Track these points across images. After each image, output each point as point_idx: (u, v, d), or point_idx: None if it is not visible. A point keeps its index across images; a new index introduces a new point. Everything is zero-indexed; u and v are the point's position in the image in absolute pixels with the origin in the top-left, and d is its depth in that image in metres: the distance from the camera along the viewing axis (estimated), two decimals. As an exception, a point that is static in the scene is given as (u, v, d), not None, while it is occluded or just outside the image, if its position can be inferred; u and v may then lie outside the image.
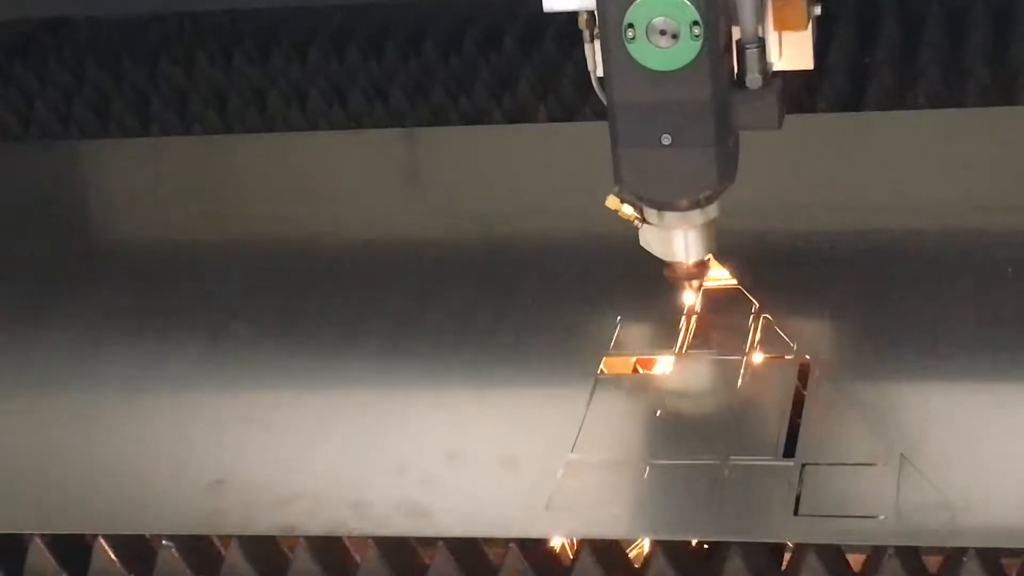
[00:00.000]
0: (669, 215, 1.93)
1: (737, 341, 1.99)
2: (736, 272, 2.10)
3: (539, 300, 2.14)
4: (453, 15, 3.04)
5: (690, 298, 2.04)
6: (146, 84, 2.99)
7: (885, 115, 2.55)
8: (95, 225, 2.60)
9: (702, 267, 2.00)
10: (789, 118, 2.50)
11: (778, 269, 2.13)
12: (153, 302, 2.26)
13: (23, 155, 2.79)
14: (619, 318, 2.06)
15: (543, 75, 2.82)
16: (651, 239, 1.97)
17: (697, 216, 1.93)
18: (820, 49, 2.74)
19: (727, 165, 1.88)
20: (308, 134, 2.75)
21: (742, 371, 1.94)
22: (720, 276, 2.10)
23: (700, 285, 2.04)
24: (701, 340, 2.01)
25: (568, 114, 2.69)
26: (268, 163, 2.65)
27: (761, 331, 2.01)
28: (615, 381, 1.97)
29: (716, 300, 2.08)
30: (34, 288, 2.32)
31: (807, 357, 1.94)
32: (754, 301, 2.06)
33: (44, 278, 2.35)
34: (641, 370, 2.00)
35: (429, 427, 1.92)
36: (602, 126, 1.88)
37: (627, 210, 1.95)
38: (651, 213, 1.94)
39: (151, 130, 2.84)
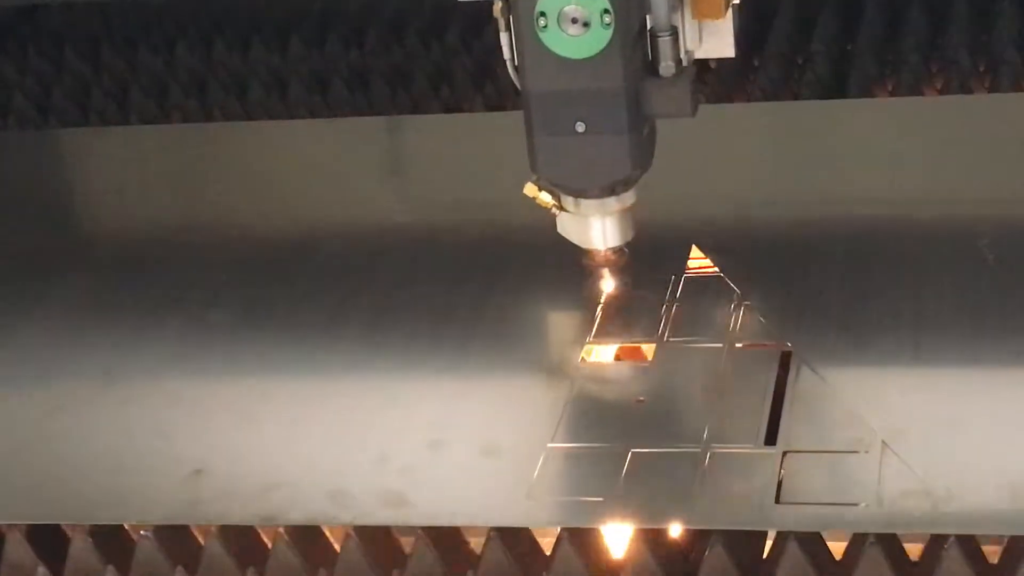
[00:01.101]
0: (585, 202, 1.95)
1: (719, 329, 1.99)
2: (717, 260, 2.09)
3: (520, 288, 2.13)
4: (434, 4, 3.03)
5: (608, 285, 2.04)
6: (126, 73, 2.98)
7: (867, 102, 2.54)
8: (74, 214, 2.59)
9: (619, 254, 2.00)
10: (776, 104, 2.55)
11: (760, 257, 2.12)
12: (132, 291, 2.24)
13: (1, 144, 2.77)
14: (602, 304, 2.06)
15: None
16: (568, 227, 1.98)
17: (613, 203, 1.94)
18: (803, 36, 2.77)
19: (641, 152, 1.89)
20: (288, 122, 2.74)
21: (723, 359, 1.94)
22: (701, 264, 2.10)
23: (617, 272, 2.04)
24: (683, 328, 2.00)
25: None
26: (248, 152, 2.64)
27: (743, 319, 2.00)
28: (596, 369, 1.96)
29: (698, 288, 2.07)
30: (12, 278, 2.31)
31: (788, 345, 1.94)
32: (735, 289, 2.05)
33: (22, 268, 2.34)
34: (622, 358, 1.99)
35: (409, 416, 1.91)
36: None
37: (545, 197, 1.96)
38: (568, 201, 1.95)
39: (130, 119, 2.82)
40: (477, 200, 2.37)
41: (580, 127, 1.84)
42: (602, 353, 2.00)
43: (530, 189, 1.96)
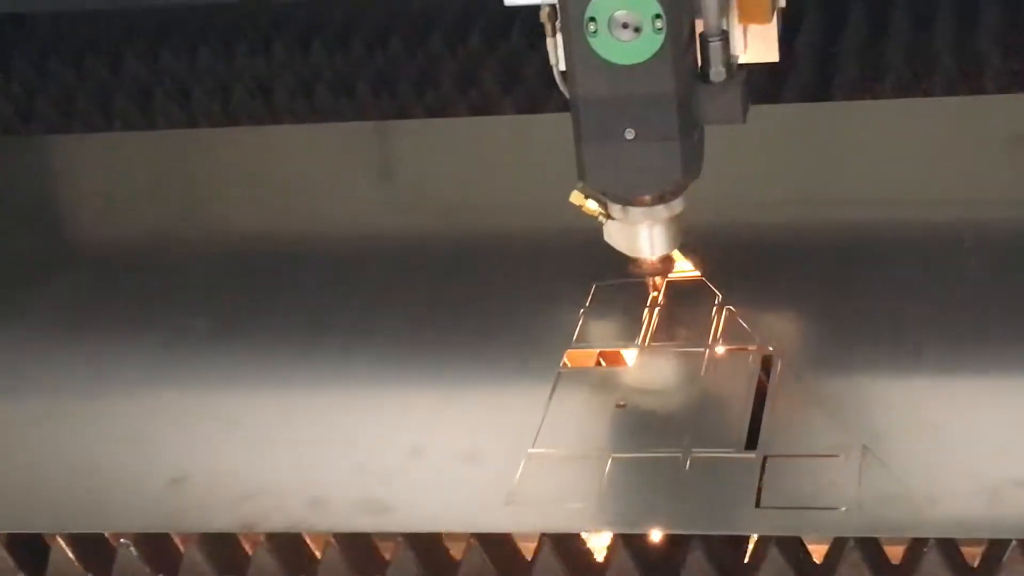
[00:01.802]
0: (634, 210, 1.92)
1: (700, 333, 1.99)
2: (699, 263, 2.09)
3: (503, 293, 2.13)
4: (419, 10, 3.03)
5: (651, 292, 2.03)
6: (109, 79, 2.97)
7: (852, 105, 2.54)
8: (57, 222, 2.58)
9: (667, 262, 1.99)
10: (760, 107, 2.54)
11: (741, 260, 2.12)
12: (114, 299, 2.24)
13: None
14: (582, 311, 2.05)
15: (509, 68, 2.81)
16: (615, 234, 1.96)
17: (662, 211, 1.92)
18: (787, 39, 2.76)
19: (691, 159, 1.86)
20: (273, 128, 2.73)
21: (705, 363, 1.94)
22: (683, 268, 2.10)
23: (664, 280, 2.03)
24: (664, 332, 2.00)
25: (534, 107, 2.68)
26: (232, 158, 2.64)
27: (724, 323, 2.00)
28: (577, 374, 1.96)
29: (679, 292, 2.07)
30: (-7, 285, 2.31)
31: (770, 348, 1.93)
32: (717, 292, 2.05)
33: (3, 275, 2.33)
34: (604, 363, 1.99)
35: (390, 422, 1.91)
36: (567, 118, 1.87)
37: (591, 205, 1.93)
38: (615, 208, 1.93)
39: (114, 125, 2.82)
40: (460, 206, 2.37)
41: (630, 134, 1.81)
42: (583, 358, 1.99)
43: (576, 197, 1.93)
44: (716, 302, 2.03)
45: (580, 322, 2.04)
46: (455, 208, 2.38)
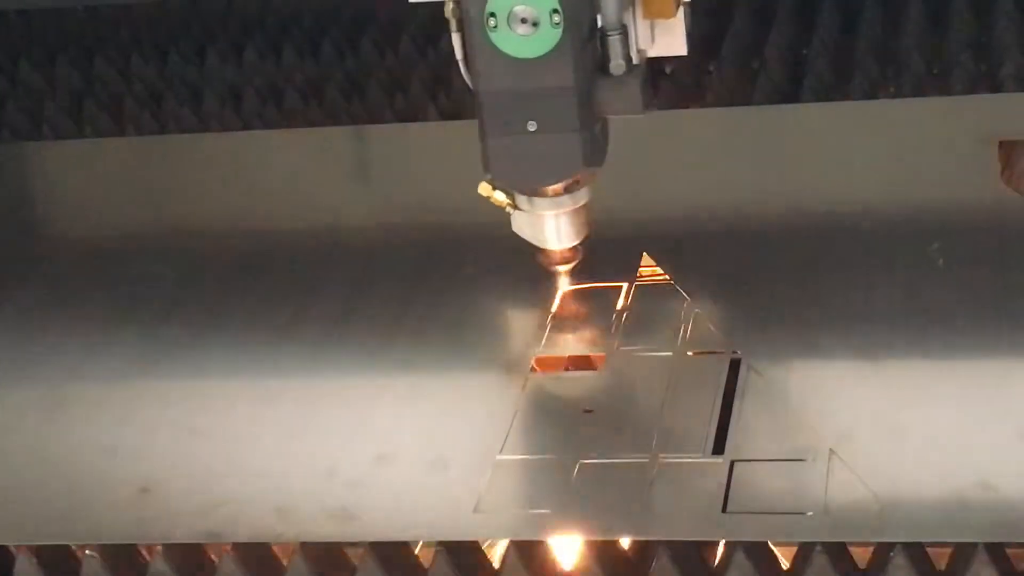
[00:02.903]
0: (539, 201, 1.96)
1: (668, 337, 1.98)
2: (666, 267, 2.09)
3: (470, 298, 2.12)
4: (388, 14, 3.02)
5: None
6: (80, 85, 2.96)
7: (821, 106, 2.54)
8: (24, 228, 2.56)
9: (574, 252, 2.02)
10: (730, 110, 2.54)
11: (709, 263, 2.12)
12: (81, 306, 2.23)
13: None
14: (550, 316, 2.05)
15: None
16: (523, 225, 2.00)
17: (567, 201, 1.96)
18: (759, 41, 2.77)
19: (594, 150, 1.90)
20: (243, 133, 2.72)
21: (672, 367, 1.93)
22: (652, 271, 2.09)
23: (570, 270, 2.06)
24: (632, 337, 1.99)
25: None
26: (204, 163, 2.63)
27: (692, 327, 2.00)
28: (546, 380, 1.95)
29: (648, 296, 2.07)
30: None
31: (737, 352, 1.93)
32: (686, 296, 2.05)
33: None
34: (572, 368, 1.98)
35: (357, 429, 1.90)
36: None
37: (499, 196, 1.98)
38: (522, 200, 1.97)
39: (85, 131, 2.81)
40: (430, 210, 2.36)
41: (532, 126, 1.85)
42: (551, 363, 1.99)
43: (484, 188, 1.98)
44: (684, 306, 2.03)
45: (548, 327, 2.03)
46: (424, 213, 2.37)
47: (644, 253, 2.13)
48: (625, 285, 2.09)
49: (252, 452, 1.88)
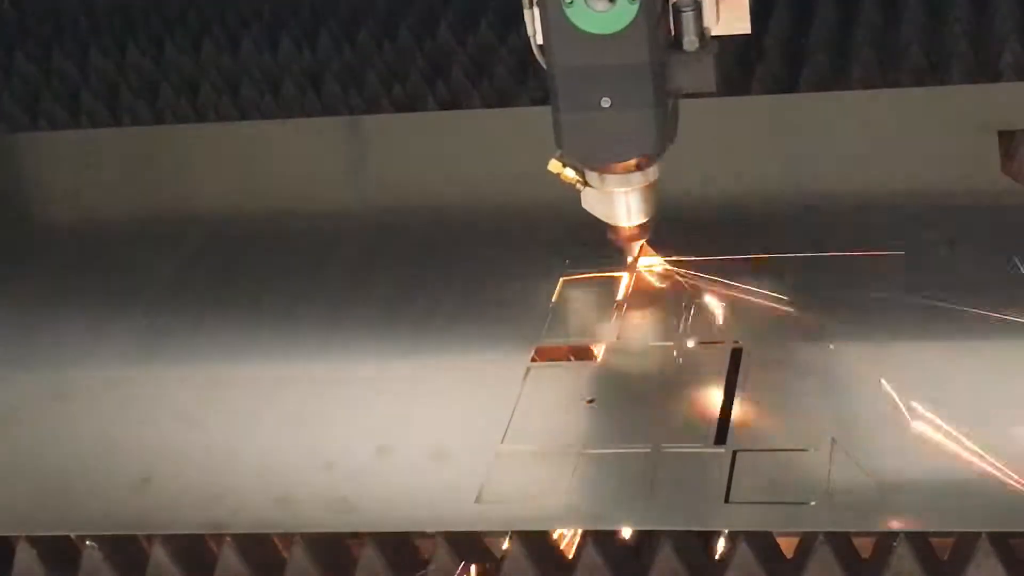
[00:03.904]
0: (610, 178, 1.96)
1: (669, 328, 1.98)
2: (666, 256, 2.09)
3: (471, 289, 2.11)
4: (386, 5, 3.01)
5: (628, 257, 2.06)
6: (76, 76, 2.95)
7: (819, 96, 2.54)
8: (20, 219, 2.56)
9: (643, 229, 2.02)
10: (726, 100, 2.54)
11: (710, 253, 2.11)
12: (79, 296, 2.22)
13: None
14: (550, 306, 2.05)
15: (477, 61, 2.80)
16: (593, 202, 1.99)
17: (638, 178, 1.95)
18: (756, 31, 2.76)
19: (666, 127, 1.90)
20: (241, 124, 2.72)
21: (674, 358, 1.93)
22: (654, 261, 2.09)
23: (642, 248, 2.06)
24: (633, 327, 1.99)
25: (502, 100, 2.67)
26: (201, 153, 2.62)
27: (693, 317, 1.99)
28: (547, 370, 1.95)
29: (649, 286, 2.06)
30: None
31: (738, 343, 1.93)
32: (687, 287, 2.04)
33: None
34: (573, 359, 1.98)
35: (357, 420, 1.90)
36: (536, 112, 1.88)
37: (569, 173, 1.97)
38: (593, 176, 1.96)
39: (81, 122, 2.80)
40: (428, 200, 2.36)
41: (606, 102, 1.85)
42: (553, 353, 1.98)
43: (555, 165, 1.97)
44: (685, 295, 2.03)
45: (549, 317, 2.03)
46: (422, 203, 2.37)
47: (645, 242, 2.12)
48: (626, 274, 2.08)
49: (253, 443, 1.87)
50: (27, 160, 2.73)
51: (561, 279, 2.09)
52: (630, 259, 2.06)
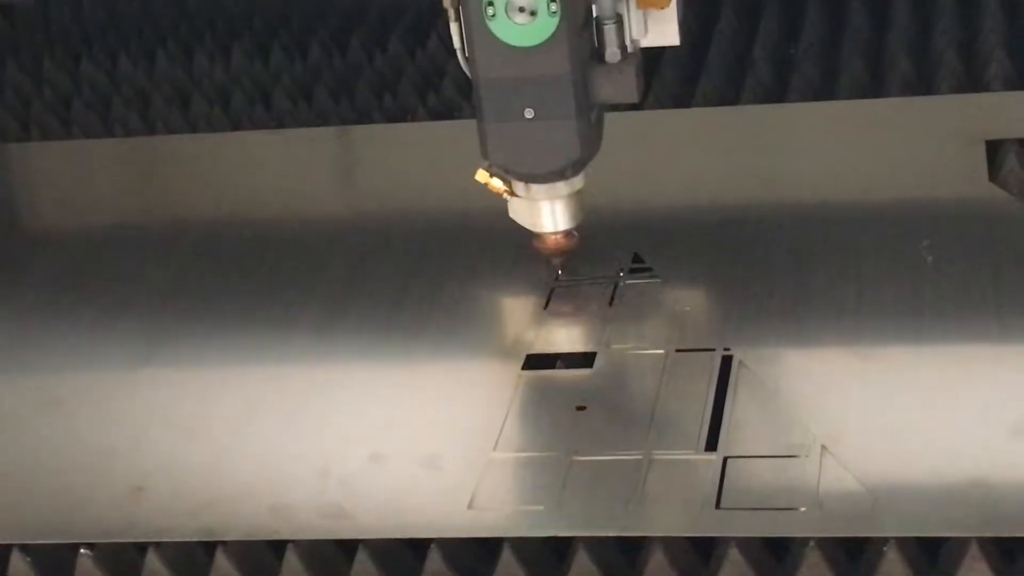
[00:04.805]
0: (535, 187, 2.00)
1: (659, 335, 1.99)
2: (656, 264, 2.10)
3: (462, 297, 2.13)
4: (378, 15, 3.02)
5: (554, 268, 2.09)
6: (68, 86, 2.96)
7: (807, 106, 2.55)
8: (14, 229, 2.56)
9: (569, 238, 2.05)
10: (719, 109, 2.55)
11: (698, 260, 2.13)
12: (73, 306, 2.23)
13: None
14: (541, 313, 2.06)
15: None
16: (520, 211, 2.04)
17: (563, 187, 2.00)
18: (746, 41, 2.78)
19: (590, 137, 1.95)
20: (233, 134, 2.72)
21: (664, 365, 1.94)
22: (642, 269, 2.10)
23: (566, 257, 2.08)
24: (623, 334, 2.00)
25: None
26: (193, 163, 2.63)
27: (683, 324, 2.00)
28: (538, 377, 1.96)
29: (638, 294, 2.07)
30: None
31: (728, 349, 1.94)
32: (677, 293, 2.05)
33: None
34: (563, 366, 1.99)
35: (350, 427, 1.91)
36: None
37: (496, 183, 2.01)
38: (519, 185, 2.01)
39: (72, 132, 2.80)
40: (419, 210, 2.37)
41: (529, 113, 1.89)
42: (544, 360, 1.99)
43: (482, 175, 2.01)
44: (675, 302, 2.04)
45: (540, 324, 2.04)
46: (413, 213, 2.38)
47: (635, 252, 2.14)
48: (616, 282, 2.09)
49: (246, 450, 1.88)
50: (18, 171, 2.74)
51: (552, 287, 2.10)
52: (556, 268, 2.09)
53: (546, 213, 2.02)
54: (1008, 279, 2.01)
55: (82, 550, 1.78)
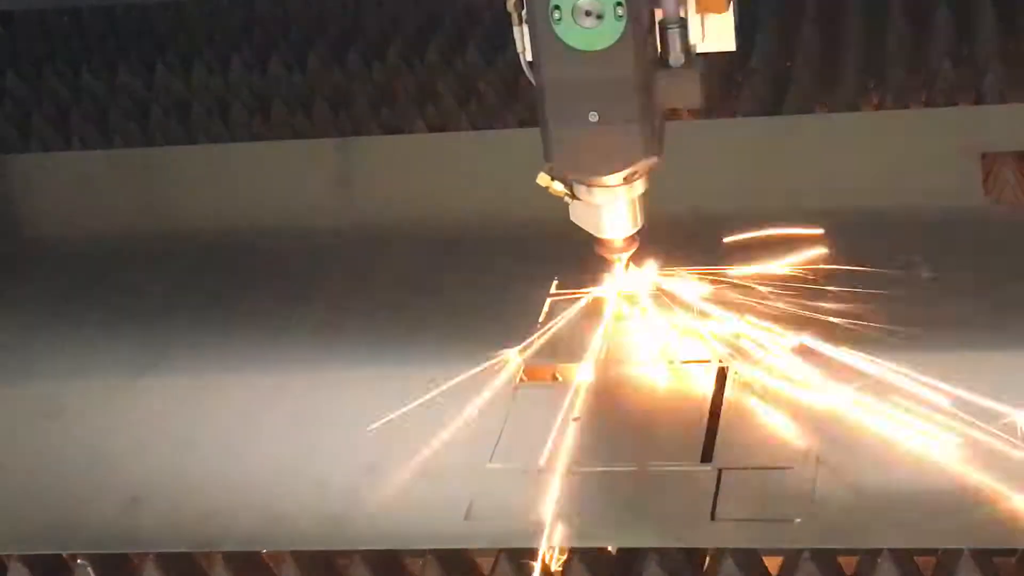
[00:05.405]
0: (598, 191, 1.98)
1: (656, 347, 2.00)
2: (653, 275, 2.11)
3: (458, 309, 2.13)
4: (376, 27, 3.03)
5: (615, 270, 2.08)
6: (67, 97, 2.96)
7: (804, 118, 2.56)
8: (13, 240, 2.57)
9: (631, 242, 2.05)
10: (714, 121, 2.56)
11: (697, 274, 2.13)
12: (72, 316, 2.24)
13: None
14: (539, 324, 2.07)
15: (465, 83, 2.82)
16: (581, 215, 2.02)
17: (625, 191, 1.98)
18: (742, 54, 2.78)
19: (653, 141, 1.93)
20: (232, 146, 2.73)
21: (660, 377, 1.95)
22: (642, 282, 2.11)
23: (628, 261, 2.08)
24: (620, 346, 2.01)
25: (489, 122, 2.69)
26: (192, 174, 2.63)
27: (680, 336, 2.01)
28: (534, 389, 1.96)
29: (636, 305, 2.08)
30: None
31: (722, 362, 1.95)
32: (674, 307, 2.06)
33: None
34: (560, 377, 2.00)
35: (347, 439, 1.91)
36: (523, 133, 1.88)
37: (557, 187, 1.99)
38: (581, 189, 1.99)
39: (72, 143, 2.81)
40: (416, 222, 2.37)
41: (593, 117, 1.88)
42: (541, 372, 2.00)
43: (543, 179, 1.99)
44: (671, 314, 2.05)
45: (536, 335, 2.05)
46: (412, 224, 2.38)
47: (631, 262, 2.15)
48: (612, 293, 2.10)
49: (244, 461, 1.89)
50: (17, 181, 2.74)
51: (548, 298, 2.11)
52: (618, 272, 2.08)
53: (607, 218, 2.00)
54: (1003, 290, 2.02)
55: (80, 560, 1.79)
